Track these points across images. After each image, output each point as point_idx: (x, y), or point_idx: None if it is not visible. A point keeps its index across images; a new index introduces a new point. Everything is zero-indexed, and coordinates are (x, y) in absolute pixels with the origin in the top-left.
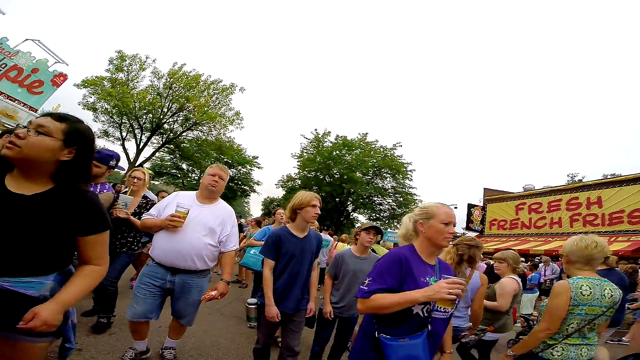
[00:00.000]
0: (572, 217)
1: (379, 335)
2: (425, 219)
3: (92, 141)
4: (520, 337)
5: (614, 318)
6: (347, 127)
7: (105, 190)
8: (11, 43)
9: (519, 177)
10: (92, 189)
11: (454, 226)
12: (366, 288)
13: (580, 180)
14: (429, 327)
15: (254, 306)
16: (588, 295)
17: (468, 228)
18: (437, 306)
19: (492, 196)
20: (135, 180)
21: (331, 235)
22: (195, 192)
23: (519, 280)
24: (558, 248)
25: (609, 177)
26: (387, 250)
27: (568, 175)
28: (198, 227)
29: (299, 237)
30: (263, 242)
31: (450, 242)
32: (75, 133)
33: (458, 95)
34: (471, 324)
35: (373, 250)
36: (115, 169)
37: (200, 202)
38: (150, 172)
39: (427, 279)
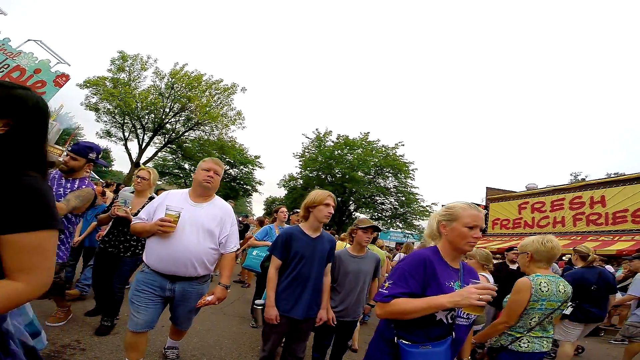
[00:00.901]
0: (576, 216)
1: (398, 341)
2: (448, 220)
3: (37, 111)
4: None
5: (597, 314)
6: (348, 126)
7: (84, 186)
8: (13, 44)
9: (521, 176)
10: (69, 184)
11: (481, 230)
12: (386, 292)
13: (583, 179)
14: (453, 334)
15: (261, 307)
16: (547, 291)
17: None
18: (462, 312)
19: (495, 195)
20: (140, 180)
21: (333, 235)
22: (187, 189)
23: (488, 277)
24: (561, 247)
25: (612, 176)
26: (379, 250)
27: (571, 174)
28: (195, 229)
29: (311, 237)
30: (264, 242)
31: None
32: (10, 99)
33: (460, 94)
34: None
35: None
36: (97, 163)
37: (194, 201)
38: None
39: (452, 283)
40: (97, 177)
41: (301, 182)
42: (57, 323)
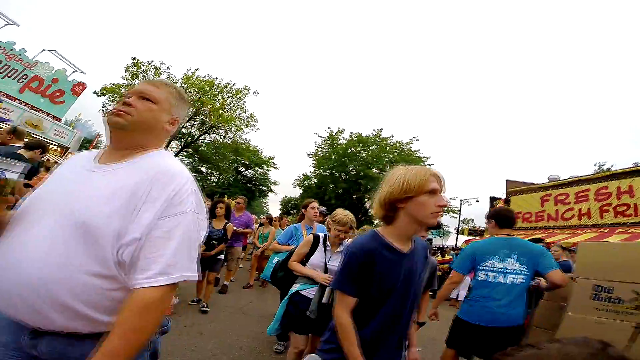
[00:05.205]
0: (602, 207)
1: None
2: None
3: None
4: None
5: None
6: (361, 123)
7: None
8: (29, 54)
9: (542, 167)
10: None
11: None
12: None
13: (608, 169)
14: None
15: None
16: None
17: None
18: None
19: (515, 188)
20: None
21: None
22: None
23: None
24: (588, 240)
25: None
26: None
27: (595, 164)
28: (55, 224)
29: (402, 252)
30: (287, 247)
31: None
32: None
33: (477, 85)
34: None
35: None
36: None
37: (101, 160)
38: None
39: None
40: None
41: (315, 181)
42: None
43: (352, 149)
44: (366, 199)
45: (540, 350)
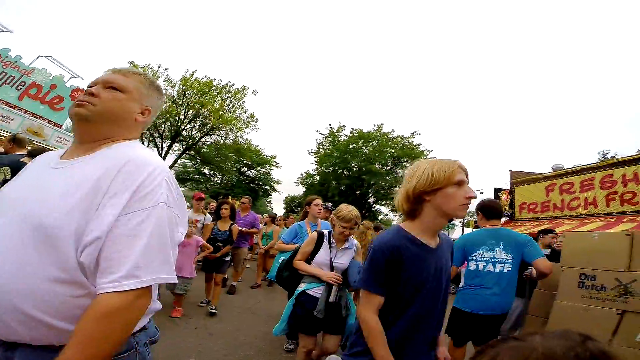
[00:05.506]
0: (608, 196)
1: None
2: None
3: None
4: None
5: None
6: (361, 119)
7: None
8: (25, 61)
9: (546, 156)
10: None
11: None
12: None
13: (613, 157)
14: None
15: None
16: None
17: None
18: None
19: (520, 178)
20: None
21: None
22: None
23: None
24: (595, 230)
25: None
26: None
27: (599, 153)
28: (13, 226)
29: (430, 247)
30: (291, 246)
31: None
32: None
33: (477, 76)
34: None
35: None
36: None
37: (68, 156)
38: None
39: None
40: None
41: (318, 179)
42: None
43: (354, 145)
44: (369, 195)
45: (523, 343)
